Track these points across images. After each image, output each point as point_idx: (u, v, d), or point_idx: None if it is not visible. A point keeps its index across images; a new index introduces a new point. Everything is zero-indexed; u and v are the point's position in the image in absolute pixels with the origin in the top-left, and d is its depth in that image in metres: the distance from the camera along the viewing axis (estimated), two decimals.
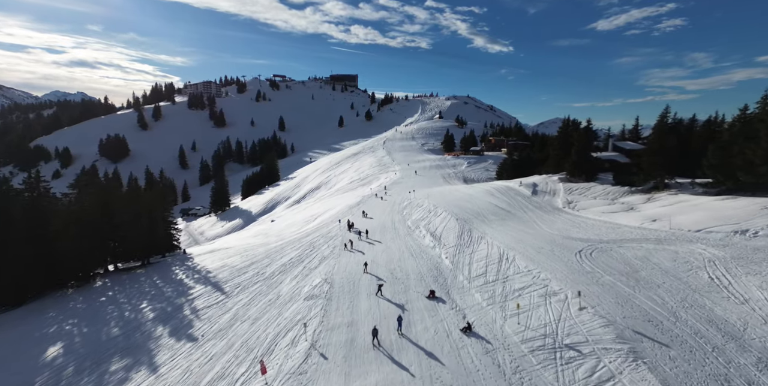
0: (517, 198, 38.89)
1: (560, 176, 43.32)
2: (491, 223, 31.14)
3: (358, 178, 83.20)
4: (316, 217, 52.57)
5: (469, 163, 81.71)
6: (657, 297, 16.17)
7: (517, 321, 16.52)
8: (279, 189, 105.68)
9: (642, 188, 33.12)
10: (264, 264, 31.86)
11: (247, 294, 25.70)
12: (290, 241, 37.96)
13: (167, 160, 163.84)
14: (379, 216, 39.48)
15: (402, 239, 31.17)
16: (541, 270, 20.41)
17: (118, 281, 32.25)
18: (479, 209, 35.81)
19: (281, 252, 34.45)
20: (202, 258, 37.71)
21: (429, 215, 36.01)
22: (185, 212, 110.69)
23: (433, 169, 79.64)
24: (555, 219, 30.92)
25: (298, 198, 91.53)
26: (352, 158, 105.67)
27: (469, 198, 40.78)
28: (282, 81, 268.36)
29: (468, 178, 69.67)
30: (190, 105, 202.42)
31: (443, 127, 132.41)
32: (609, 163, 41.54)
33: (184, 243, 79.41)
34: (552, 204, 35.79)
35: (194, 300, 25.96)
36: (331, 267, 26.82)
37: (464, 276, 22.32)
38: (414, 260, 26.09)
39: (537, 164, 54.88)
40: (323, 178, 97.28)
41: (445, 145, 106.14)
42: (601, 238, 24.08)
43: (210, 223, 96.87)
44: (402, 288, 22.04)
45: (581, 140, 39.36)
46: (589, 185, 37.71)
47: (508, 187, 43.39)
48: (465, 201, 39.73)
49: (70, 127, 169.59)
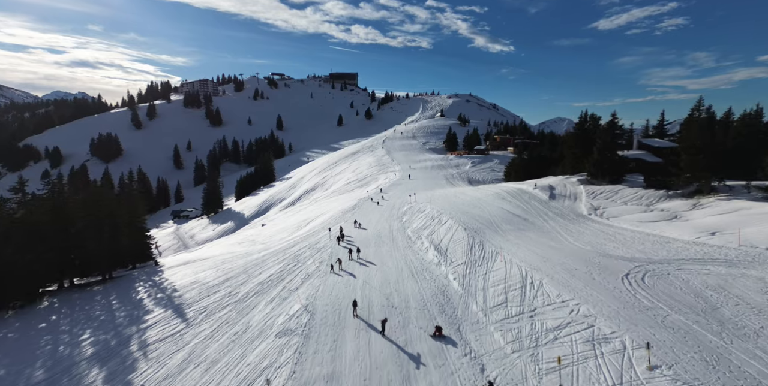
0: (533, 203, 34.11)
1: (579, 177, 38.56)
2: (506, 234, 26.38)
3: (356, 178, 78.50)
4: (308, 222, 47.94)
5: (474, 163, 76.94)
6: (762, 351, 11.42)
7: (558, 382, 11.80)
8: (274, 190, 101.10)
9: (682, 192, 28.37)
10: (239, 281, 27.17)
11: (212, 322, 21.01)
12: (275, 252, 33.29)
13: (161, 160, 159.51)
14: (375, 224, 34.74)
15: (401, 252, 26.43)
16: (580, 302, 15.67)
17: (68, 301, 27.59)
18: (490, 216, 31.04)
19: (262, 265, 29.76)
20: (174, 271, 33.03)
21: (432, 223, 31.26)
22: (176, 214, 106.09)
23: (436, 170, 74.90)
24: (582, 229, 26.14)
25: (292, 200, 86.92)
26: (350, 158, 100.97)
27: (478, 202, 36.03)
28: (280, 79, 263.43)
29: (473, 179, 64.90)
30: (186, 103, 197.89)
31: (445, 126, 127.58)
32: (635, 162, 36.77)
33: (173, 248, 75.12)
34: (575, 210, 30.99)
35: (147, 330, 21.26)
36: (314, 290, 22.12)
37: (478, 306, 17.60)
38: (415, 281, 21.38)
39: (550, 164, 50.14)
40: (319, 178, 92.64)
41: (448, 144, 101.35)
42: (649, 257, 19.30)
43: (201, 226, 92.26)
44: (400, 321, 17.33)
45: (605, 137, 34.58)
46: (615, 188, 32.93)
47: (520, 189, 38.63)
48: (473, 206, 34.98)
49: (61, 126, 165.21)
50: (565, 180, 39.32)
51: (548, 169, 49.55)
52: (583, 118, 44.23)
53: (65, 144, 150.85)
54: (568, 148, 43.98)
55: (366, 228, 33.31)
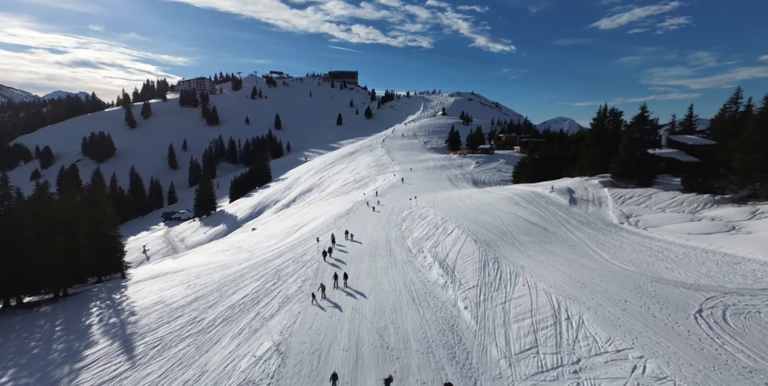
0: (551, 208, 29.77)
1: (601, 179, 34.21)
2: (525, 248, 22.07)
3: (353, 179, 74.23)
4: (299, 228, 43.74)
5: (478, 163, 72.56)
6: None
7: None
8: (269, 191, 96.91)
9: (731, 197, 24.04)
10: (209, 302, 22.94)
11: (162, 362, 16.74)
12: (256, 264, 29.08)
13: (156, 159, 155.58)
14: (371, 233, 30.43)
15: (399, 270, 22.15)
16: (644, 354, 11.36)
17: (7, 326, 23.36)
18: (503, 225, 26.71)
19: (238, 282, 25.53)
20: (139, 287, 28.78)
21: (436, 232, 26.96)
22: (168, 216, 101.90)
23: (438, 170, 70.56)
24: (617, 242, 21.80)
25: (287, 201, 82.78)
26: (348, 157, 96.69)
27: (487, 208, 31.70)
28: (279, 78, 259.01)
29: (478, 181, 60.53)
30: (182, 102, 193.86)
31: (447, 124, 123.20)
32: (666, 162, 32.43)
33: (162, 252, 71.11)
34: (602, 217, 26.64)
35: (81, 372, 17.00)
36: (291, 319, 17.85)
37: (500, 351, 13.32)
38: (417, 310, 17.10)
39: (563, 164, 45.78)
40: (316, 179, 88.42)
41: (450, 143, 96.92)
42: (720, 284, 14.98)
43: (193, 229, 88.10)
44: (397, 372, 13.05)
45: (633, 133, 30.21)
46: (646, 191, 28.57)
47: (535, 193, 34.30)
48: (482, 212, 30.65)
49: (54, 125, 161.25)
50: (584, 182, 34.97)
51: (562, 169, 45.21)
52: (602, 113, 39.89)
53: (57, 143, 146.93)
54: (586, 147, 39.61)
55: (360, 242, 28.85)
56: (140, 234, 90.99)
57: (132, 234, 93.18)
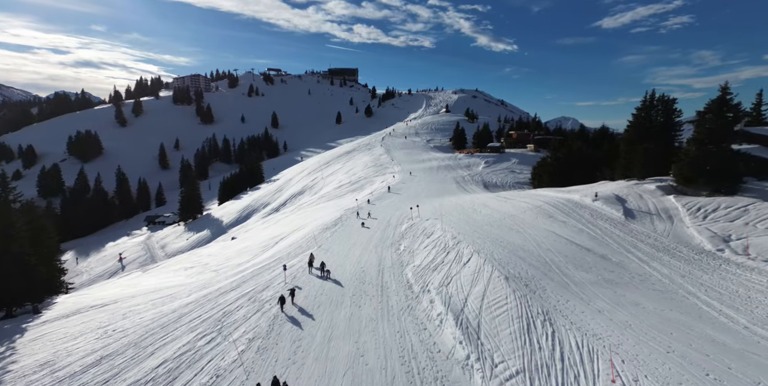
0: (601, 225, 22.03)
1: (659, 184, 26.41)
2: (588, 294, 14.37)
3: (348, 181, 66.63)
4: (279, 241, 36.34)
5: (488, 163, 64.80)
6: None
7: None
8: (259, 193, 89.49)
9: None
10: (111, 369, 15.39)
11: None
12: (208, 297, 21.60)
13: (146, 159, 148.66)
14: (359, 256, 22.80)
15: (393, 325, 14.54)
16: None
17: None
18: (541, 249, 19.01)
19: (170, 330, 17.99)
20: (41, 332, 21.27)
21: (446, 259, 19.31)
22: (151, 220, 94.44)
23: (443, 171, 62.88)
24: (732, 284, 14.10)
25: (277, 205, 75.38)
26: (344, 157, 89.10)
27: (512, 222, 24.01)
28: (277, 75, 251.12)
29: (489, 183, 52.77)
30: (176, 100, 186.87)
31: (451, 122, 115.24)
32: (745, 159, 24.57)
33: (139, 261, 64.01)
34: (682, 239, 18.87)
35: None
36: None
37: None
38: None
39: (594, 165, 38.02)
40: (309, 180, 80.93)
41: (455, 141, 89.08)
42: None
43: (176, 234, 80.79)
44: None
45: (712, 123, 22.39)
46: (737, 201, 20.79)
47: (571, 201, 26.59)
48: (506, 228, 22.97)
49: (40, 123, 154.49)
50: (635, 187, 27.17)
51: (593, 171, 37.49)
52: (647, 101, 32.09)
53: (42, 142, 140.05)
54: (628, 143, 31.82)
55: (339, 283, 21.12)
56: (120, 240, 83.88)
57: (112, 239, 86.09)
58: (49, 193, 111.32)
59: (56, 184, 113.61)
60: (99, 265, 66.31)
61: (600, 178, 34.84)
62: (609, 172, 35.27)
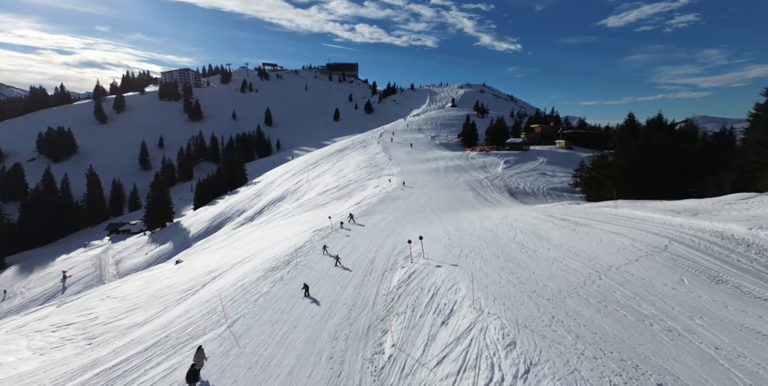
0: None
1: None
2: None
3: (336, 185, 54.22)
4: (221, 274, 24.15)
5: (509, 163, 52.20)
6: None
7: None
8: (235, 198, 77.23)
9: None
10: None
11: None
12: None
13: (126, 158, 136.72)
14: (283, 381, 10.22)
15: None
16: None
17: None
18: None
19: None
20: None
21: None
22: (114, 228, 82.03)
23: (452, 173, 50.38)
24: None
25: (252, 213, 63.12)
26: (335, 156, 76.66)
27: (629, 290, 11.48)
28: (272, 70, 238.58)
29: (516, 190, 40.14)
30: (162, 95, 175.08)
31: (459, 116, 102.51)
32: None
33: (84, 281, 52.19)
34: None
35: None
36: None
37: None
38: None
39: (684, 167, 25.31)
40: (292, 184, 68.58)
41: (465, 137, 76.50)
42: None
43: (138, 246, 68.57)
44: None
45: None
46: None
47: (724, 236, 13.98)
48: (619, 307, 10.50)
49: (11, 120, 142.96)
50: None
51: (683, 176, 24.83)
52: None
53: (10, 140, 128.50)
54: (761, 132, 19.19)
55: None
56: (74, 252, 71.62)
57: (65, 251, 73.69)
58: (10, 196, 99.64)
59: (18, 186, 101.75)
60: (39, 285, 53.97)
61: (693, 186, 22.31)
62: (714, 179, 22.62)
